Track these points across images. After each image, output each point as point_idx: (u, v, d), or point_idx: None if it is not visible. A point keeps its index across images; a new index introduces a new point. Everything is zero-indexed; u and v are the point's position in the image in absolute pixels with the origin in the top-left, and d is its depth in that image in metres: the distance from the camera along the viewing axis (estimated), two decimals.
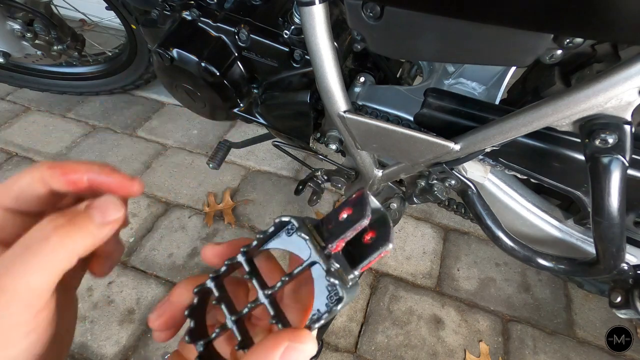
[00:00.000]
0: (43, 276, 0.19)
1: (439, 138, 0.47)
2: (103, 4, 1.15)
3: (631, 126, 0.36)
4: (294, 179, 1.29)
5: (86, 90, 1.47)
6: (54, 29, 1.12)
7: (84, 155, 1.32)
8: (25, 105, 1.51)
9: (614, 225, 0.41)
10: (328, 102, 0.51)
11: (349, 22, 0.44)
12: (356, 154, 0.59)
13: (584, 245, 0.61)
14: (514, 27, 0.34)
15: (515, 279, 1.07)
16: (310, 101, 0.64)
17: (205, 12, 0.64)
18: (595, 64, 0.53)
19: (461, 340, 0.95)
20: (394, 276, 1.06)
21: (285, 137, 0.76)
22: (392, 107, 0.62)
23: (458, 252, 1.12)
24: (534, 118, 0.39)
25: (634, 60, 0.32)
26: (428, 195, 0.60)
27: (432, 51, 0.42)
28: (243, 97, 0.71)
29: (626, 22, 0.28)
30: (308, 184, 0.70)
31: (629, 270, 0.48)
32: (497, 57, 0.40)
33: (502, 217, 0.56)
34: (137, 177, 0.25)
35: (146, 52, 1.27)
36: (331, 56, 0.46)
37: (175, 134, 1.43)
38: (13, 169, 1.27)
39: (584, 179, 0.47)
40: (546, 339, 0.96)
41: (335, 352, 0.91)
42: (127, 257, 1.06)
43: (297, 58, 0.62)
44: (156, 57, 0.66)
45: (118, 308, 0.96)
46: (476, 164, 0.59)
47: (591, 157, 0.38)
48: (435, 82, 0.66)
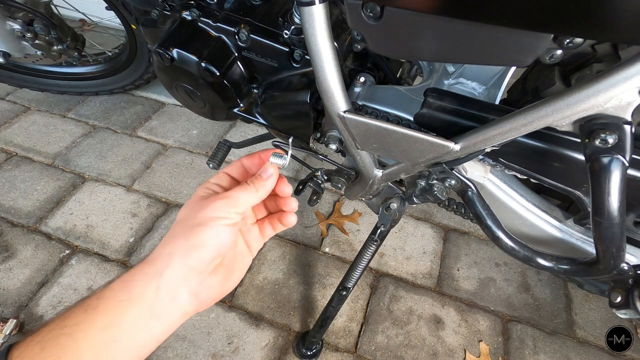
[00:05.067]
0: (239, 208, 0.39)
1: (439, 138, 0.47)
2: (103, 4, 1.15)
3: (631, 126, 0.36)
4: (294, 179, 1.29)
5: (86, 90, 1.47)
6: (54, 29, 1.12)
7: (84, 155, 1.33)
8: (25, 105, 1.51)
9: (614, 225, 0.41)
10: (328, 102, 0.51)
11: (349, 22, 0.44)
12: (356, 154, 0.59)
13: (584, 245, 0.61)
14: (514, 27, 0.34)
15: (515, 279, 1.07)
16: (310, 101, 0.64)
17: (205, 12, 0.64)
18: (595, 64, 0.53)
19: (461, 340, 0.95)
20: (394, 276, 1.06)
21: (285, 137, 0.76)
22: (392, 107, 0.62)
23: (458, 252, 1.12)
24: (534, 118, 0.39)
25: (634, 60, 0.32)
26: (428, 195, 0.60)
27: (432, 51, 0.42)
28: (243, 97, 0.71)
29: (626, 22, 0.28)
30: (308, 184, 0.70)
31: (629, 270, 0.48)
32: (497, 57, 0.40)
33: (502, 217, 0.56)
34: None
35: (146, 52, 1.27)
36: (331, 56, 0.46)
37: (175, 134, 1.43)
38: (13, 169, 1.27)
39: (584, 179, 0.47)
40: (546, 339, 0.96)
41: (335, 352, 0.91)
42: (127, 257, 1.06)
43: (297, 58, 0.62)
44: (156, 57, 0.66)
45: None
46: (476, 164, 0.59)
47: (591, 157, 0.38)
48: (435, 82, 0.66)
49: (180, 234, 0.37)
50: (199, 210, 0.37)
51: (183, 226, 0.37)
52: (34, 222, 1.13)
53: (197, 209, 0.38)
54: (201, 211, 0.37)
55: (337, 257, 1.10)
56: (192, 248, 0.36)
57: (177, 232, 0.37)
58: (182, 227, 0.37)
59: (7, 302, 0.96)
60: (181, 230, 0.37)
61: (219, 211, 0.37)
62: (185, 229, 0.37)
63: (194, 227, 0.36)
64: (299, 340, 0.90)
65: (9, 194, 1.19)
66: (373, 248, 0.77)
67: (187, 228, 0.37)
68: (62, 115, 1.48)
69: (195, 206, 0.38)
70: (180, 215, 0.39)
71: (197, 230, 0.36)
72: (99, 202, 1.19)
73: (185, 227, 0.37)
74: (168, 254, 0.36)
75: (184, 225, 0.37)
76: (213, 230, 0.36)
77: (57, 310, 0.94)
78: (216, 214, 0.37)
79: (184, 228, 0.37)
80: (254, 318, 0.96)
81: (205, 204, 0.38)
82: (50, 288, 0.98)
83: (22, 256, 1.05)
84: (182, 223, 0.38)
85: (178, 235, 0.37)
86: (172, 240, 0.37)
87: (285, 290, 1.02)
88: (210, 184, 0.42)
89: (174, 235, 0.37)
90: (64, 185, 1.23)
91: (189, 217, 0.38)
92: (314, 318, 0.96)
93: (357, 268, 0.79)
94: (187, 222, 0.37)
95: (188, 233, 0.36)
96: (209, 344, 0.91)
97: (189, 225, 0.37)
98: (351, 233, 1.15)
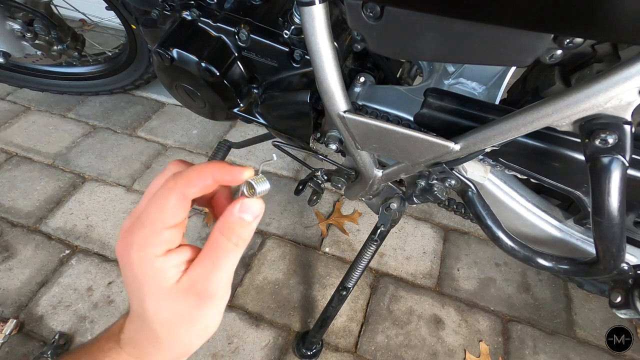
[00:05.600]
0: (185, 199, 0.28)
1: (439, 138, 0.47)
2: (103, 4, 1.15)
3: (631, 126, 0.36)
4: (294, 179, 1.29)
5: (86, 90, 1.47)
6: (54, 29, 1.12)
7: (84, 155, 1.33)
8: (25, 105, 1.51)
9: (614, 225, 0.41)
10: (328, 102, 0.51)
11: (349, 22, 0.44)
12: (356, 154, 0.59)
13: (584, 245, 0.61)
14: (514, 27, 0.34)
15: (515, 279, 1.07)
16: (310, 101, 0.64)
17: (205, 12, 0.64)
18: (595, 64, 0.53)
19: (461, 340, 0.95)
20: (394, 276, 1.06)
21: (285, 137, 0.76)
22: (392, 107, 0.62)
23: (458, 252, 1.12)
24: (534, 118, 0.39)
25: (634, 60, 0.32)
26: (428, 195, 0.60)
27: (432, 51, 0.42)
28: (243, 97, 0.71)
29: (626, 22, 0.28)
30: (308, 184, 0.70)
31: (629, 270, 0.48)
32: (497, 57, 0.40)
33: (502, 217, 0.56)
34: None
35: (146, 52, 1.27)
36: (331, 56, 0.46)
37: (175, 134, 1.43)
38: (13, 169, 1.27)
39: (584, 179, 0.47)
40: (546, 339, 0.96)
41: (335, 352, 0.91)
42: None
43: (297, 58, 0.62)
44: (156, 57, 0.66)
45: (118, 308, 0.96)
46: (476, 164, 0.59)
47: (591, 157, 0.38)
48: (435, 82, 0.66)
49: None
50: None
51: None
52: (34, 222, 1.13)
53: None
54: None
55: (337, 257, 1.10)
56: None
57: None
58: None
59: (7, 302, 0.96)
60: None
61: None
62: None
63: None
64: (299, 340, 0.90)
65: (9, 194, 1.19)
66: (373, 248, 0.77)
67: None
68: (62, 115, 1.48)
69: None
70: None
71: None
72: (99, 202, 1.19)
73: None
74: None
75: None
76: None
77: (57, 310, 0.94)
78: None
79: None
80: (254, 318, 0.96)
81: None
82: (50, 288, 0.98)
83: (22, 256, 1.05)
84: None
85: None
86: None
87: (285, 290, 1.02)
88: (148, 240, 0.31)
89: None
90: (64, 185, 1.23)
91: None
92: (314, 318, 0.96)
93: (357, 268, 0.79)
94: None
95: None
96: (208, 344, 0.91)
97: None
98: (351, 233, 1.15)
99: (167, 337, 0.29)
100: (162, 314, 0.28)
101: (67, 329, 0.92)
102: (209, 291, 0.28)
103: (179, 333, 0.29)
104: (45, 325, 0.92)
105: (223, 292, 0.29)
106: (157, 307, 0.28)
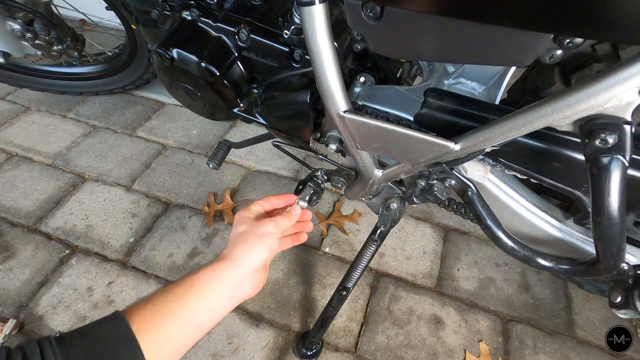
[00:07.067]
0: (281, 228, 0.56)
1: (439, 138, 0.47)
2: (103, 4, 1.15)
3: (631, 126, 0.36)
4: (294, 179, 1.29)
5: (86, 90, 1.47)
6: (54, 29, 1.12)
7: (84, 155, 1.33)
8: (25, 105, 1.51)
9: (614, 225, 0.41)
10: (328, 102, 0.51)
11: (349, 22, 0.44)
12: (356, 154, 0.59)
13: (584, 245, 0.61)
14: (514, 27, 0.34)
15: (515, 279, 1.07)
16: (310, 101, 0.64)
17: (205, 12, 0.64)
18: (595, 64, 0.53)
19: (461, 340, 0.95)
20: (394, 276, 1.06)
21: (285, 137, 0.76)
22: (392, 107, 0.62)
23: (458, 252, 1.12)
24: (534, 118, 0.39)
25: (634, 60, 0.32)
26: (428, 195, 0.60)
27: (432, 51, 0.42)
28: (243, 97, 0.71)
29: (626, 22, 0.28)
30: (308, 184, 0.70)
31: (629, 270, 0.48)
32: (497, 57, 0.40)
33: (502, 217, 0.56)
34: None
35: (146, 52, 1.27)
36: (331, 56, 0.46)
37: (175, 134, 1.43)
38: (13, 169, 1.27)
39: (584, 179, 0.47)
40: (546, 339, 0.96)
41: (335, 352, 0.91)
42: (127, 257, 1.06)
43: (297, 58, 0.62)
44: (156, 57, 0.66)
45: (118, 308, 0.95)
46: (476, 164, 0.59)
47: (591, 157, 0.38)
48: (435, 82, 0.66)
49: (252, 242, 0.51)
50: (259, 227, 0.53)
51: (250, 236, 0.52)
52: (34, 222, 1.13)
53: (256, 226, 0.53)
54: (260, 227, 0.53)
55: (337, 257, 1.10)
56: (259, 252, 0.51)
57: (248, 240, 0.51)
58: (250, 237, 0.52)
59: (7, 302, 0.96)
60: (251, 239, 0.52)
61: (272, 228, 0.53)
62: (254, 239, 0.51)
63: (259, 238, 0.51)
64: (299, 340, 0.90)
65: (9, 194, 1.19)
66: (373, 248, 0.77)
67: (254, 238, 0.51)
68: (62, 115, 1.48)
69: (253, 223, 0.54)
70: (242, 228, 0.53)
71: (262, 240, 0.51)
72: (99, 202, 1.19)
73: (253, 237, 0.52)
74: (245, 254, 0.50)
75: (251, 235, 0.52)
76: (270, 240, 0.52)
77: (57, 310, 0.94)
78: (271, 230, 0.53)
79: (252, 238, 0.52)
80: (254, 318, 0.96)
81: (260, 223, 0.54)
82: (50, 288, 0.98)
83: (22, 256, 1.05)
84: (248, 234, 0.52)
85: (250, 242, 0.51)
86: (246, 245, 0.51)
87: (285, 290, 1.02)
88: (250, 210, 0.57)
89: (246, 241, 0.51)
90: (64, 185, 1.23)
91: (251, 231, 0.52)
92: (314, 318, 0.96)
93: (357, 268, 0.79)
94: (253, 234, 0.52)
95: (257, 241, 0.51)
96: (208, 344, 0.91)
97: (256, 236, 0.52)
98: (351, 233, 1.15)
99: (241, 244, 0.51)
100: (242, 227, 0.54)
101: (67, 329, 0.91)
102: (271, 226, 0.54)
103: (246, 240, 0.51)
104: (45, 325, 0.92)
105: (275, 230, 0.54)
106: (242, 225, 0.54)
